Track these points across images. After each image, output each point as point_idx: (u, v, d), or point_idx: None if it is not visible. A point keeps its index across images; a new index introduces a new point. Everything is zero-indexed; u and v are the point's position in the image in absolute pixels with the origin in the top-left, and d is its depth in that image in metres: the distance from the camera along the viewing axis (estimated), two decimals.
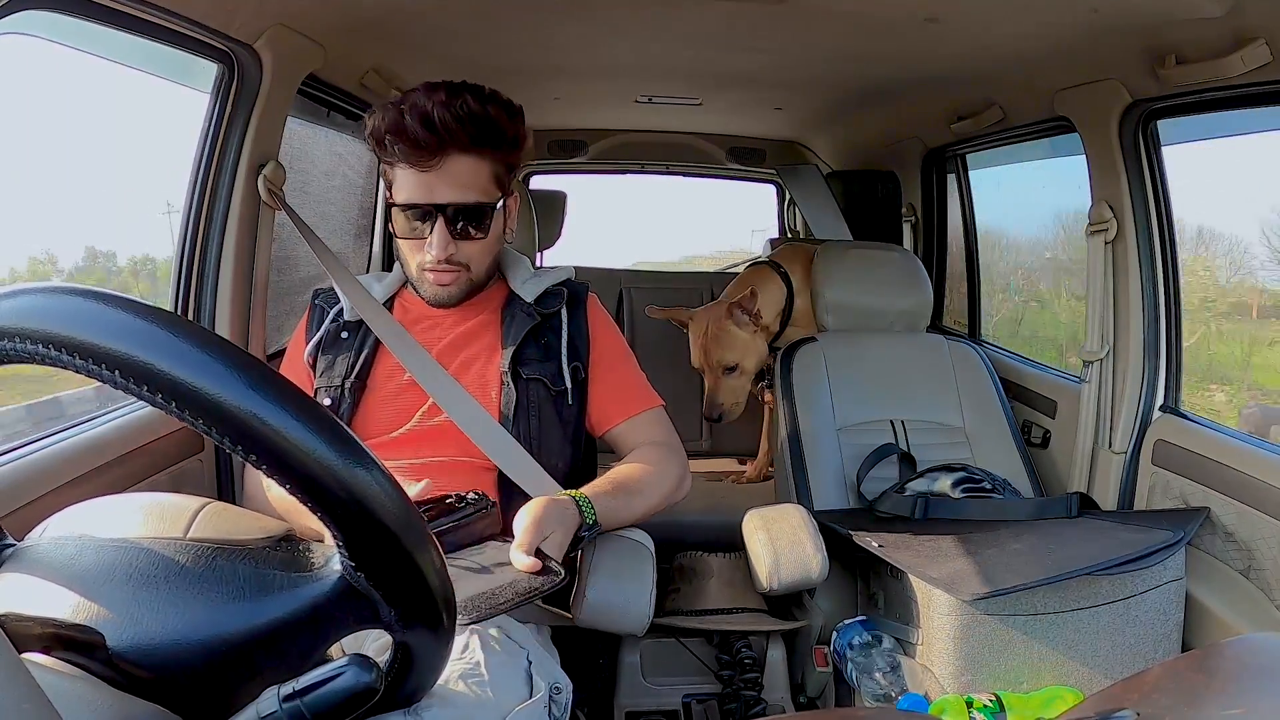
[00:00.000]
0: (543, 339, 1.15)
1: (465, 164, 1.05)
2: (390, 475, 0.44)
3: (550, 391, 1.13)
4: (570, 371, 1.14)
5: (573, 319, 1.17)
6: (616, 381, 1.18)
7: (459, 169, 1.05)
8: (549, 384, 1.13)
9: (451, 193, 1.05)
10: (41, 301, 0.40)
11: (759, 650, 1.34)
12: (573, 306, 1.18)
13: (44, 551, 0.55)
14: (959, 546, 1.27)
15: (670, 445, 1.17)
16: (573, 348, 1.16)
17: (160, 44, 1.14)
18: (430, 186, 1.05)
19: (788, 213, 3.14)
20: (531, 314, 1.15)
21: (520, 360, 1.12)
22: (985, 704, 1.13)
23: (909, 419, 1.68)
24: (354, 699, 0.44)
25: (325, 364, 1.15)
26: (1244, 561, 1.27)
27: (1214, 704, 0.49)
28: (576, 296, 1.20)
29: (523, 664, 0.90)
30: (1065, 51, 1.41)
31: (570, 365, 1.14)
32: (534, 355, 1.14)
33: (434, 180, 1.05)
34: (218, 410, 0.40)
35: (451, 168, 1.05)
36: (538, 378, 1.13)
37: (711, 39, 1.58)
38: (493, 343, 1.15)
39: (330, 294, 1.20)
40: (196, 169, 1.31)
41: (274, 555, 0.52)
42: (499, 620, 0.93)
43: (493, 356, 1.14)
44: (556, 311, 1.17)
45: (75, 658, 0.47)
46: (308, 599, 0.49)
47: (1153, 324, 1.51)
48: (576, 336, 1.17)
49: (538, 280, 1.19)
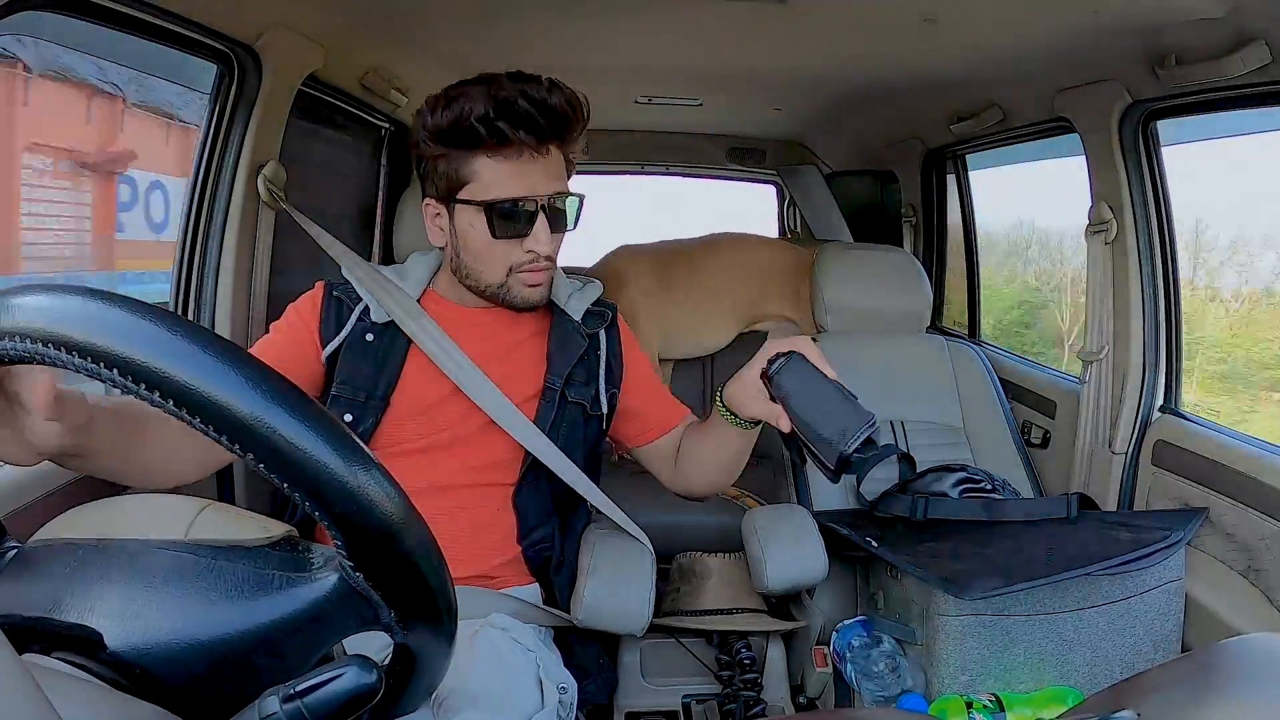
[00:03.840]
0: (586, 359, 1.13)
1: (556, 153, 1.02)
2: (391, 477, 0.44)
3: (586, 414, 1.12)
4: (608, 397, 1.13)
5: (609, 341, 1.16)
6: (654, 398, 1.18)
7: (554, 159, 1.02)
8: (587, 407, 1.12)
9: (553, 183, 1.02)
10: (44, 301, 0.40)
11: (759, 650, 1.34)
12: (609, 328, 1.17)
13: (45, 552, 0.55)
14: (959, 546, 1.27)
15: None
16: (609, 372, 1.14)
17: (160, 44, 1.14)
18: (531, 178, 1.00)
19: (788, 213, 3.15)
20: (582, 335, 1.13)
21: (568, 381, 1.10)
22: (985, 704, 1.14)
23: (908, 419, 1.68)
24: (355, 700, 0.44)
25: (347, 372, 1.06)
26: (1244, 562, 1.27)
27: (1214, 704, 0.49)
28: (612, 318, 1.18)
29: (534, 668, 0.91)
30: (1065, 52, 1.41)
31: (608, 391, 1.13)
32: (579, 378, 1.12)
33: (535, 171, 1.00)
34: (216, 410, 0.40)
35: (550, 157, 1.01)
36: (578, 401, 1.11)
37: (711, 39, 1.58)
38: (537, 357, 1.11)
39: (348, 288, 1.11)
40: (196, 169, 1.31)
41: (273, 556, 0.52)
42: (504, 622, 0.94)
43: (536, 370, 1.10)
44: (597, 333, 1.15)
45: (75, 658, 0.47)
46: (307, 600, 0.48)
47: (1153, 324, 1.51)
48: (613, 360, 1.15)
49: (579, 296, 1.16)
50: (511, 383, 1.08)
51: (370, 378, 1.06)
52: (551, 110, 0.97)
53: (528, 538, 1.08)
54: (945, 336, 1.87)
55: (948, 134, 2.02)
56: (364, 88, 1.64)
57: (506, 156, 0.98)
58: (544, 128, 0.98)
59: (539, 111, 0.97)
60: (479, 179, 1.00)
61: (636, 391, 1.17)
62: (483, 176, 1.00)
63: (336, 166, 1.87)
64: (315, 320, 1.09)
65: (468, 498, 1.05)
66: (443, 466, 1.05)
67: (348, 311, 1.09)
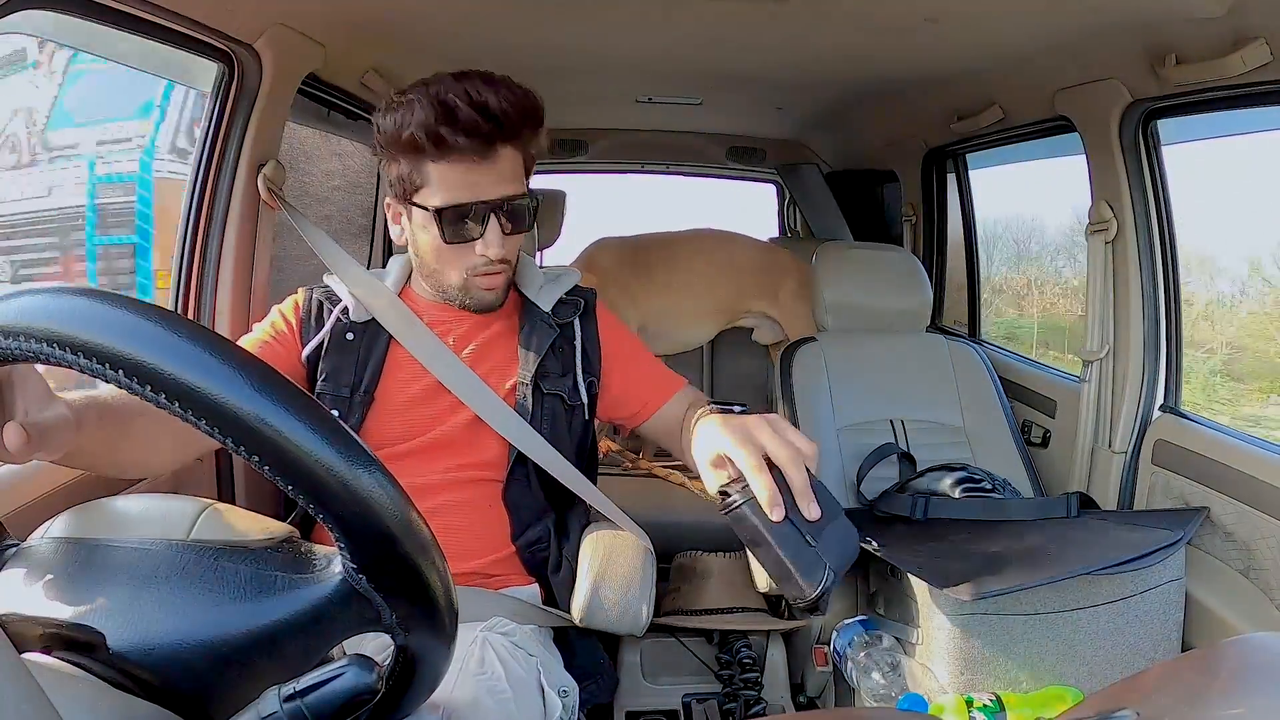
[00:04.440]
0: (559, 350, 1.13)
1: (510, 155, 1.00)
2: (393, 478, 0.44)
3: (565, 405, 1.12)
4: (585, 386, 1.13)
5: (584, 329, 1.16)
6: (642, 373, 1.17)
7: (507, 161, 1.00)
8: (565, 398, 1.12)
9: (503, 186, 1.00)
10: (46, 301, 0.40)
11: (759, 650, 1.34)
12: (584, 316, 1.16)
13: (46, 552, 0.55)
14: (959, 546, 1.27)
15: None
16: (586, 360, 1.14)
17: (160, 44, 1.14)
18: (478, 183, 0.98)
19: (788, 212, 3.15)
20: (551, 325, 1.13)
21: (541, 373, 1.11)
22: (985, 704, 1.13)
23: (909, 419, 1.68)
24: (355, 699, 0.44)
25: (329, 369, 1.07)
26: (1244, 561, 1.27)
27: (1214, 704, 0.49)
28: (587, 305, 1.18)
29: (535, 673, 0.91)
30: (1065, 51, 1.41)
31: (585, 380, 1.13)
32: (553, 369, 1.12)
33: (483, 175, 0.98)
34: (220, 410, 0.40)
35: (502, 160, 0.99)
36: (555, 392, 1.11)
37: (711, 39, 1.58)
38: (510, 352, 1.12)
39: (329, 291, 1.13)
40: (196, 169, 1.31)
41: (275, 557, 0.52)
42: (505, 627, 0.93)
43: (510, 366, 1.11)
44: (570, 322, 1.15)
45: (76, 658, 0.47)
46: (309, 601, 0.49)
47: (1153, 324, 1.51)
48: (589, 347, 1.15)
49: (551, 287, 1.16)
50: (487, 380, 1.09)
51: (353, 373, 1.07)
52: (494, 114, 0.95)
53: (522, 536, 1.08)
54: (946, 336, 1.87)
55: (948, 133, 2.02)
56: (364, 87, 1.64)
57: (452, 163, 0.97)
58: (488, 131, 0.95)
59: (482, 116, 0.94)
60: (430, 183, 0.99)
61: (620, 372, 1.16)
62: (432, 181, 0.99)
63: (336, 166, 1.87)
64: (297, 322, 1.11)
65: (457, 495, 1.06)
66: (431, 465, 1.06)
67: (328, 313, 1.10)
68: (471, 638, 0.88)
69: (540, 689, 0.90)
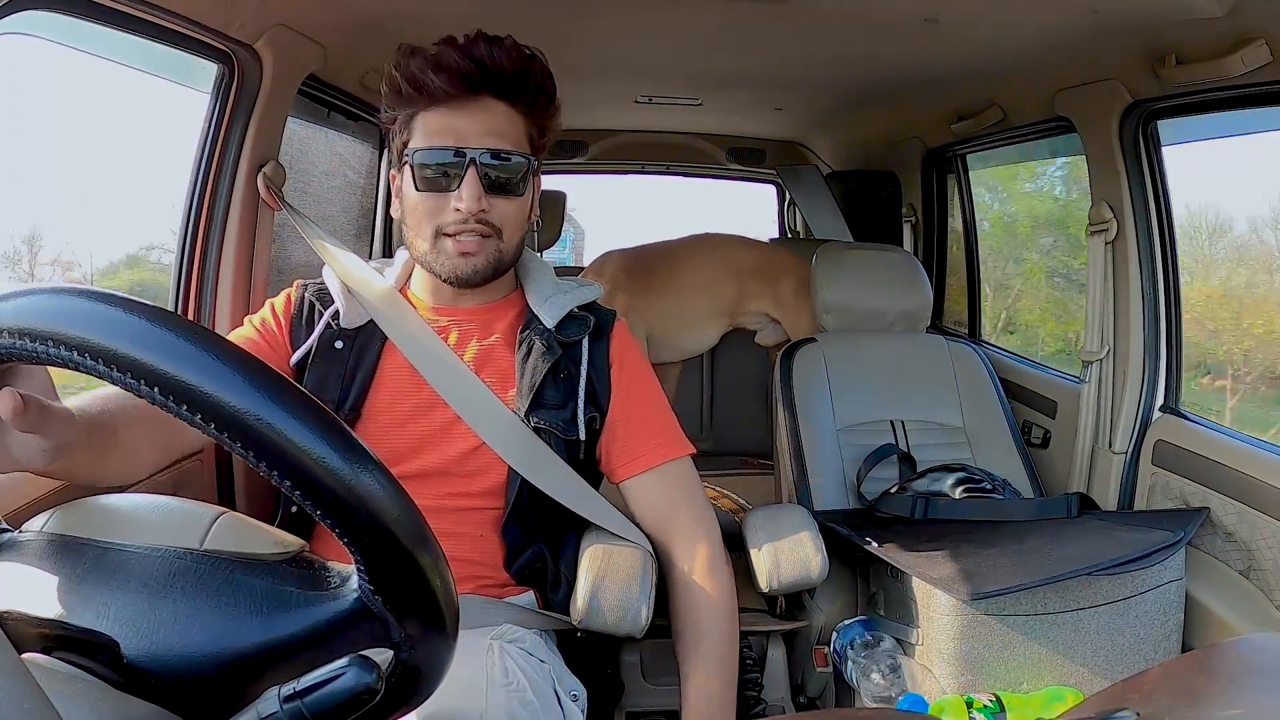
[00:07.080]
0: (561, 373, 1.00)
1: (501, 110, 0.94)
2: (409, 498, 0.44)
3: (561, 440, 1.00)
4: (586, 422, 1.00)
5: (594, 354, 1.02)
6: (641, 424, 1.03)
7: (495, 114, 0.94)
8: (560, 434, 1.00)
9: (488, 139, 0.93)
10: (48, 301, 0.41)
11: (759, 650, 1.34)
12: (595, 337, 1.03)
13: (48, 549, 0.54)
14: (959, 546, 1.27)
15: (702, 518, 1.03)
16: (591, 391, 1.01)
17: (160, 44, 1.14)
18: (460, 129, 0.93)
19: (788, 213, 3.15)
20: (552, 346, 1.00)
21: (536, 403, 0.98)
22: (985, 704, 1.13)
23: (909, 419, 1.68)
24: (355, 700, 0.44)
25: (314, 381, 0.98)
26: (1244, 561, 1.27)
27: (1214, 704, 0.49)
28: (601, 326, 1.04)
29: (550, 680, 0.90)
30: (1065, 51, 1.41)
31: (586, 414, 1.00)
32: (552, 399, 0.99)
33: (467, 124, 0.93)
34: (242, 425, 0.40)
35: (488, 111, 0.93)
36: (549, 428, 0.99)
37: (711, 39, 1.58)
38: (506, 370, 1.01)
39: (321, 289, 1.05)
40: (196, 169, 1.31)
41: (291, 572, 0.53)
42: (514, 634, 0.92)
43: (507, 382, 1.00)
44: (578, 342, 1.02)
45: (84, 661, 0.47)
46: (324, 618, 0.49)
47: (1153, 324, 1.51)
48: (597, 378, 1.02)
49: (561, 299, 1.03)
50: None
51: (339, 386, 0.98)
52: (479, 60, 0.91)
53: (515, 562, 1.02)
54: (946, 336, 1.87)
55: (948, 134, 2.02)
56: (364, 87, 1.64)
57: (436, 109, 0.94)
58: (468, 73, 0.91)
59: (467, 59, 0.91)
60: (418, 132, 0.95)
61: (624, 415, 1.03)
62: (419, 129, 0.95)
63: (336, 166, 1.87)
64: (287, 321, 1.04)
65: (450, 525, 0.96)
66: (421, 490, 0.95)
67: (318, 317, 1.02)
68: (485, 645, 0.86)
69: (556, 696, 0.90)
